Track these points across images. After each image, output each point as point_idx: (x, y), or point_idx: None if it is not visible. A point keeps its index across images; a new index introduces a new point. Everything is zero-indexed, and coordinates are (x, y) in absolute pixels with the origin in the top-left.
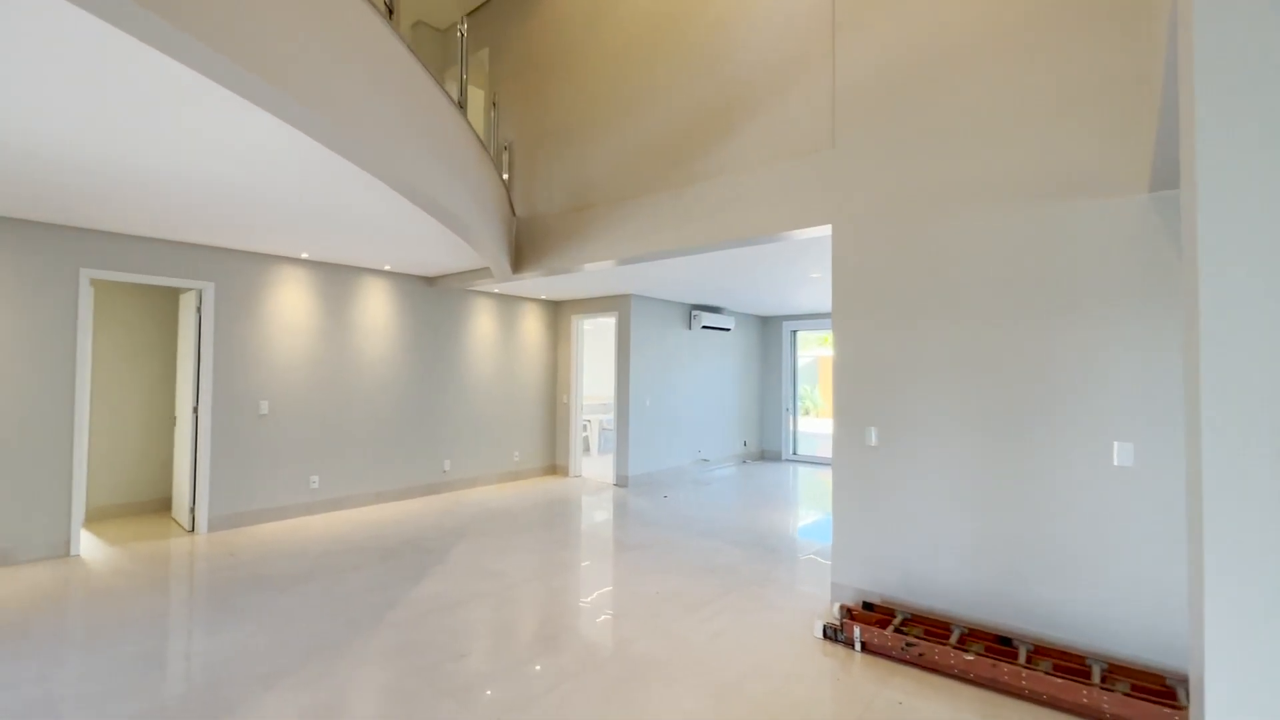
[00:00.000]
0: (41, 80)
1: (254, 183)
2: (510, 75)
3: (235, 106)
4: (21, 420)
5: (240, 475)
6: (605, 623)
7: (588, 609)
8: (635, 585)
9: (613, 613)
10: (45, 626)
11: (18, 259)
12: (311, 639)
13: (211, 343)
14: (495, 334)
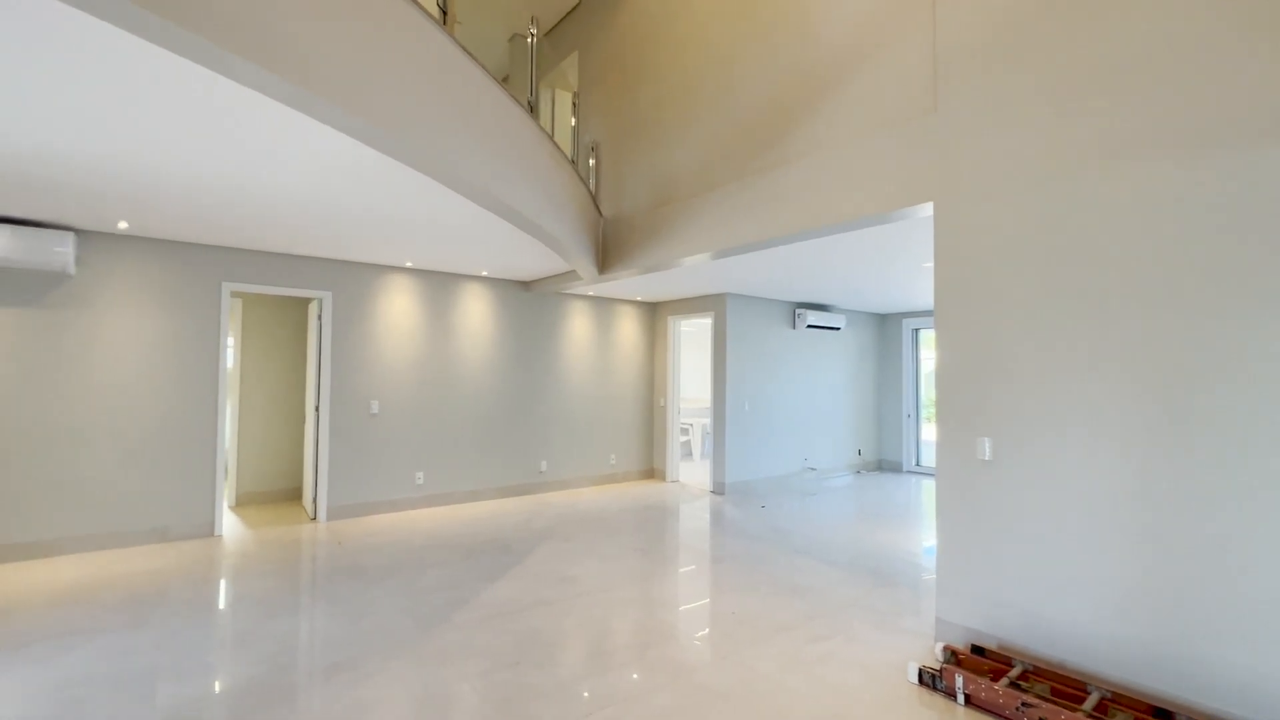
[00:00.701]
0: (205, 135)
1: (365, 201)
2: (597, 77)
3: (349, 140)
4: (175, 416)
5: (354, 469)
6: (668, 643)
7: (653, 626)
8: (710, 602)
9: (679, 632)
10: (174, 597)
11: (169, 274)
12: (380, 633)
13: (329, 346)
14: (591, 336)
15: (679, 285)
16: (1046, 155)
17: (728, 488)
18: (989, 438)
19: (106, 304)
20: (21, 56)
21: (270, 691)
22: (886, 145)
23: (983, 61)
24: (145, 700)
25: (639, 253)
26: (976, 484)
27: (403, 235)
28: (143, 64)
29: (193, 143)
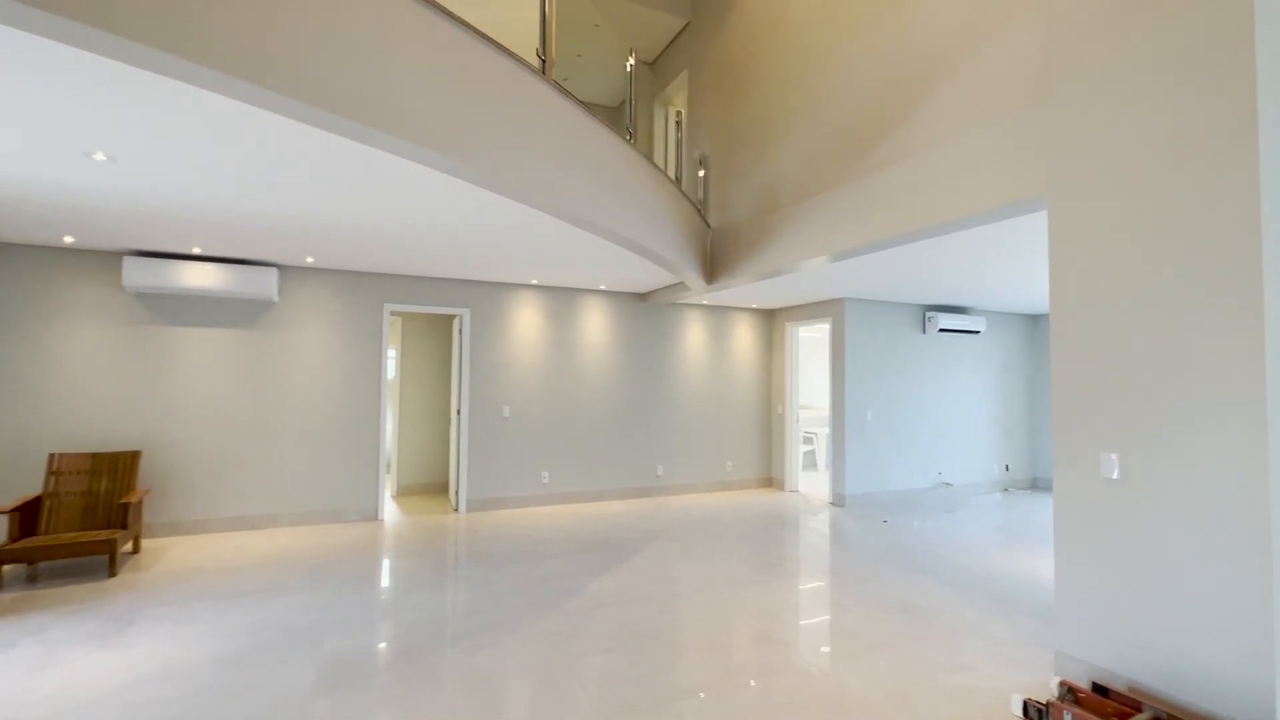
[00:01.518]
0: (364, 190)
1: (490, 230)
2: (704, 92)
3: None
4: (347, 417)
5: (489, 467)
6: (755, 647)
7: (743, 630)
8: (806, 612)
9: (769, 638)
10: (342, 569)
11: (341, 298)
12: (498, 612)
13: (468, 356)
14: (707, 344)
15: (794, 291)
16: (1187, 133)
17: (848, 500)
18: (1115, 453)
19: (299, 324)
20: (240, 151)
21: (405, 650)
22: (994, 137)
23: (1103, 34)
24: (314, 647)
25: (747, 261)
26: (1102, 505)
27: (525, 256)
28: (319, 144)
29: (357, 197)
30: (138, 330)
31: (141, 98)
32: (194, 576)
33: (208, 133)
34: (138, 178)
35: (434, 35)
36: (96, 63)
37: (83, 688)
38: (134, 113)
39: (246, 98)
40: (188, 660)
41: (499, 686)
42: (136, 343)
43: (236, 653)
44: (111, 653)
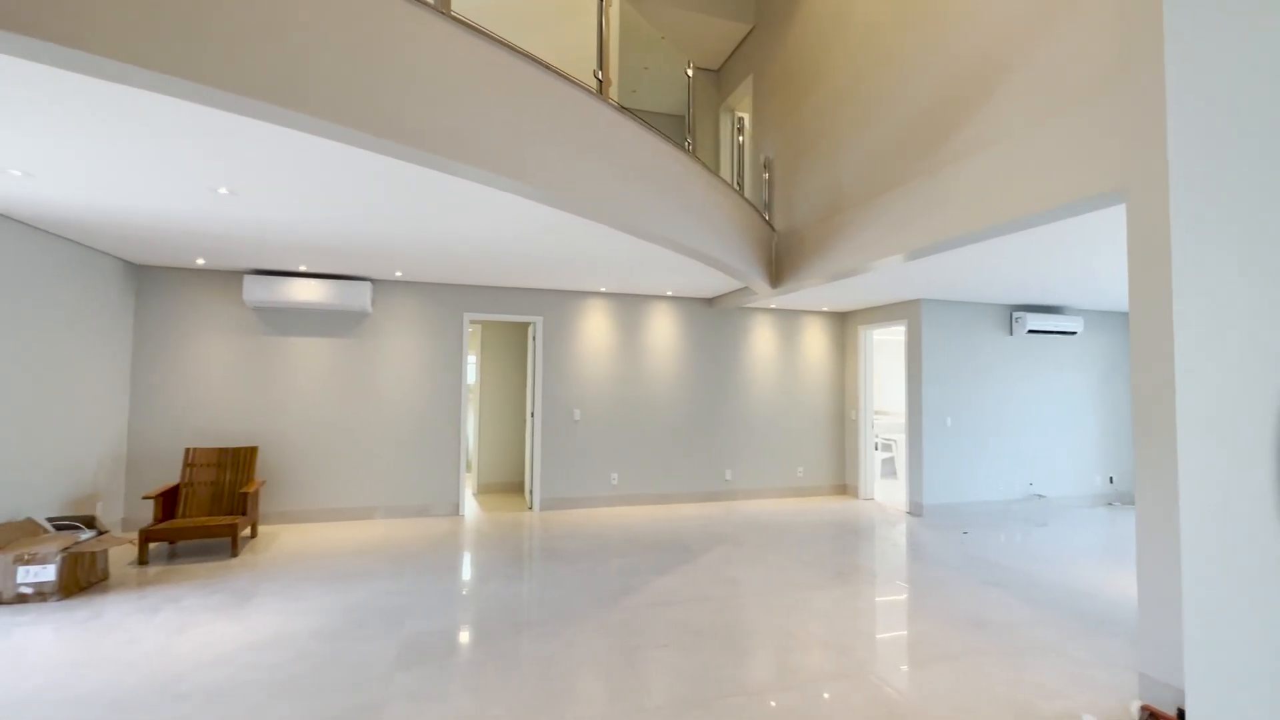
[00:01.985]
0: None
1: (559, 243)
2: (768, 96)
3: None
4: (432, 419)
5: (560, 468)
6: (812, 650)
7: (801, 633)
8: (871, 619)
9: (826, 645)
10: (425, 559)
11: (426, 308)
12: (562, 604)
13: (541, 362)
14: (776, 348)
15: (866, 293)
16: None
17: (925, 510)
18: None
19: (389, 333)
20: (338, 182)
21: (478, 634)
22: (1066, 129)
23: None
24: (397, 628)
25: (814, 263)
26: None
27: (593, 266)
28: (405, 174)
29: (438, 217)
30: (255, 340)
31: (258, 141)
32: (300, 560)
33: (311, 168)
34: (255, 208)
35: (499, 71)
36: (223, 117)
37: (210, 648)
38: (251, 155)
39: (345, 139)
40: (293, 632)
41: (560, 672)
42: (254, 351)
43: (332, 628)
44: (233, 621)
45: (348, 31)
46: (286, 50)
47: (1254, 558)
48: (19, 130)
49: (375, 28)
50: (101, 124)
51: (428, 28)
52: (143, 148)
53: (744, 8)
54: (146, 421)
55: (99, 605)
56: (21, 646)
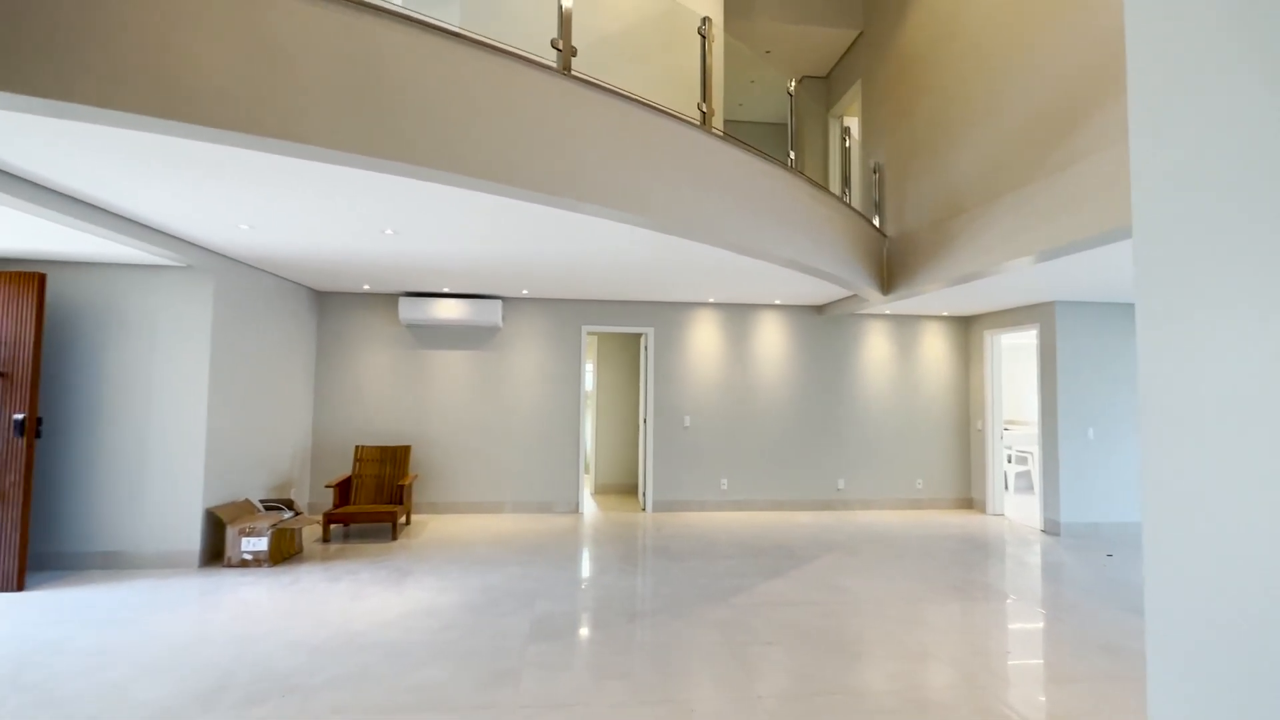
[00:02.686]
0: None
1: (666, 261)
2: (879, 101)
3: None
4: (554, 423)
5: (671, 472)
6: (920, 663)
7: (908, 642)
8: (985, 636)
9: (937, 658)
10: (549, 550)
11: (549, 322)
12: (673, 599)
13: (652, 371)
14: (891, 355)
15: (992, 296)
16: None
17: (1063, 528)
18: None
19: (517, 345)
20: (476, 220)
21: (595, 619)
22: None
23: None
24: (527, 607)
25: (930, 268)
26: None
27: (701, 280)
28: (531, 212)
29: (562, 243)
30: (408, 353)
31: (418, 194)
32: (445, 545)
33: (454, 211)
34: (410, 243)
35: (613, 116)
36: (394, 179)
37: (379, 614)
38: (412, 204)
39: (487, 190)
40: (441, 604)
41: (668, 658)
42: (407, 362)
43: (475, 604)
44: (395, 593)
45: (493, 98)
46: (448, 125)
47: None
48: (246, 197)
49: (513, 92)
50: (301, 189)
51: (551, 87)
52: (330, 204)
53: (851, 13)
54: (326, 422)
55: (296, 573)
56: (247, 600)
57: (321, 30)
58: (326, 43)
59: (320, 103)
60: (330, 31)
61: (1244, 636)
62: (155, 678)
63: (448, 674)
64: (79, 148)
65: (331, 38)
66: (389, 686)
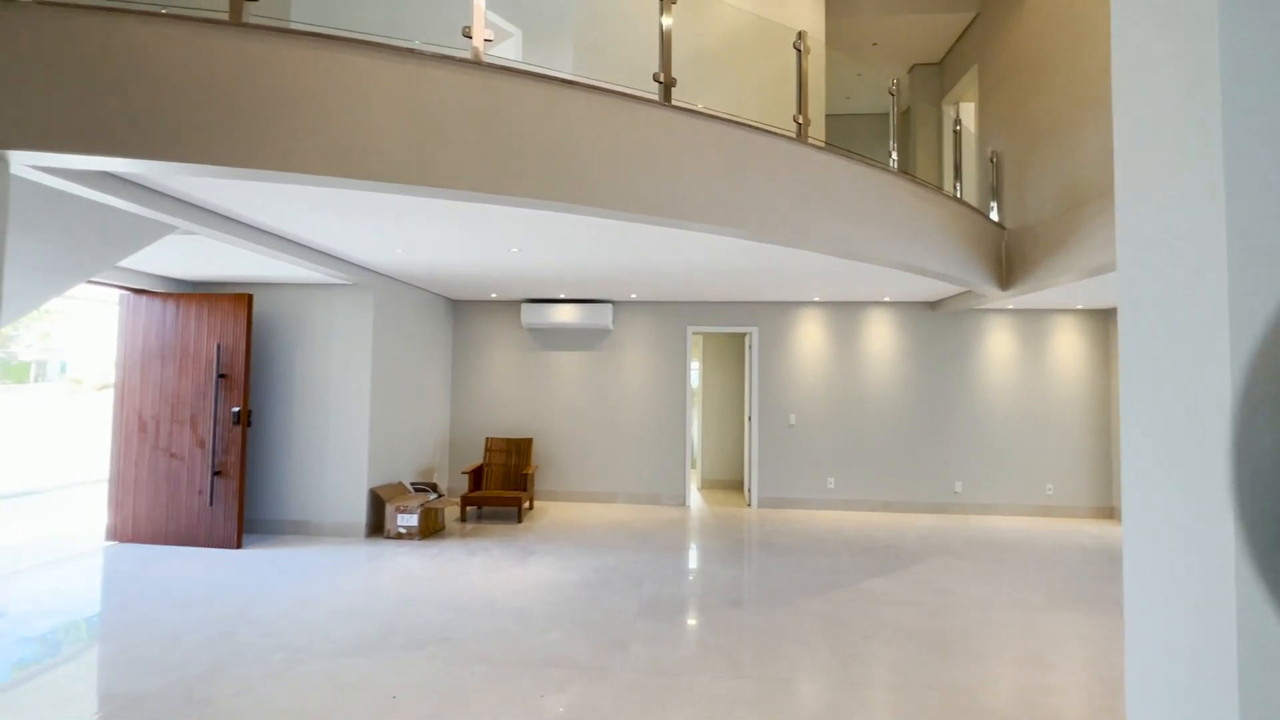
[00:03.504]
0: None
1: (772, 265)
2: (998, 84)
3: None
4: (663, 419)
5: (776, 469)
6: (1023, 666)
7: (1016, 648)
8: (1105, 648)
9: (1043, 661)
10: (657, 539)
11: (656, 324)
12: (774, 590)
13: (757, 369)
14: (1015, 352)
15: None
16: None
17: None
18: None
19: (626, 346)
20: (591, 237)
21: (699, 603)
22: None
23: None
24: (637, 589)
25: (1058, 259)
26: None
27: (803, 282)
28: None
29: (666, 253)
30: (529, 354)
31: (538, 220)
32: (563, 530)
33: (570, 231)
34: (532, 258)
35: (712, 137)
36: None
37: (510, 584)
38: (532, 227)
39: (599, 215)
40: (561, 581)
41: (768, 643)
42: (529, 363)
43: (590, 582)
44: (522, 569)
45: (602, 133)
46: (564, 161)
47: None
48: (401, 229)
49: (620, 126)
50: (445, 220)
51: (654, 118)
52: (467, 230)
53: None
54: (460, 416)
55: (440, 547)
56: (403, 566)
57: (463, 93)
58: (467, 103)
59: (462, 153)
60: (471, 93)
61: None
62: (342, 621)
63: (569, 638)
64: (277, 199)
65: (471, 98)
66: (521, 644)
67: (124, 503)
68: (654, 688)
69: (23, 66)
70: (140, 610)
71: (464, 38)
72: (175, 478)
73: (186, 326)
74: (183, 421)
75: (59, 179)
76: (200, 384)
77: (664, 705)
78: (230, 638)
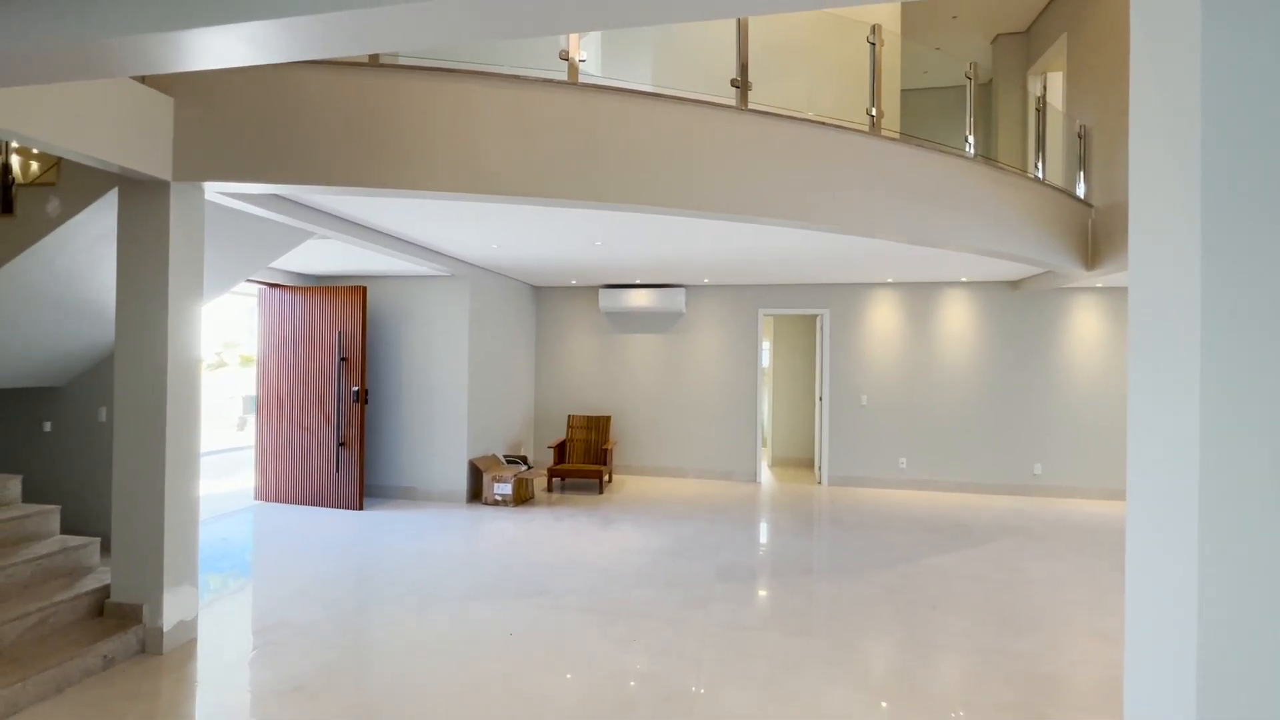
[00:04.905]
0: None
1: (842, 252)
2: (1089, 54)
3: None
4: (735, 398)
5: (847, 448)
6: (1091, 640)
7: (1084, 622)
8: None
9: (1111, 637)
10: (731, 512)
11: (728, 306)
12: (844, 561)
13: (828, 350)
14: (1103, 332)
15: None
16: None
17: None
18: None
19: (699, 328)
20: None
21: (771, 570)
22: None
23: None
24: (714, 555)
25: None
26: None
27: (877, 265)
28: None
29: (738, 241)
30: (607, 337)
31: (621, 218)
32: (642, 501)
33: (650, 225)
34: (612, 249)
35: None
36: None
37: (596, 547)
38: (618, 224)
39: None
40: (644, 546)
41: (837, 608)
42: (606, 345)
43: (670, 549)
44: (607, 533)
45: (682, 139)
46: (648, 167)
47: None
48: (500, 229)
49: (698, 131)
50: (537, 221)
51: (731, 121)
52: (554, 227)
53: None
54: (544, 395)
55: (532, 514)
56: (501, 530)
57: (562, 110)
58: (564, 119)
59: (560, 165)
60: (568, 110)
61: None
62: (457, 574)
63: (654, 593)
64: (396, 206)
65: (568, 114)
66: (612, 598)
67: (267, 468)
68: (732, 640)
69: (214, 114)
70: (294, 557)
71: (560, 60)
72: (308, 447)
73: (312, 316)
74: (312, 399)
75: (236, 200)
76: (325, 366)
77: (742, 655)
78: (369, 582)
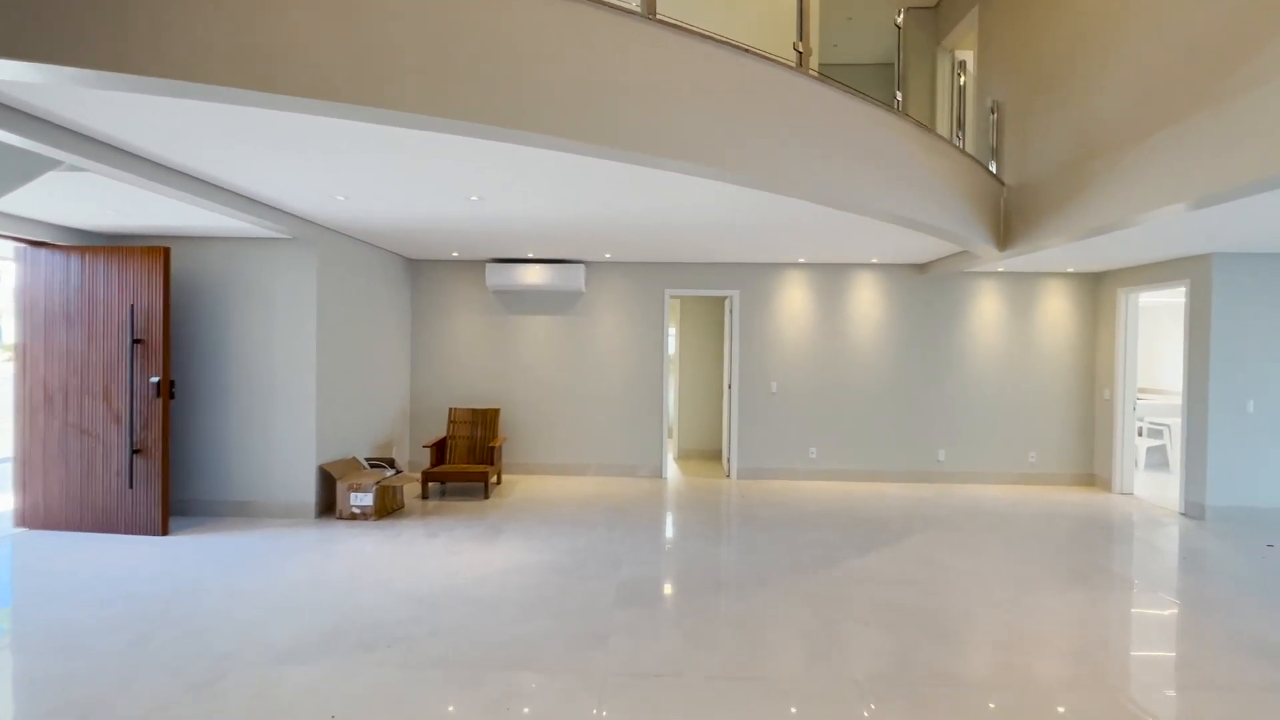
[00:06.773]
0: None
1: (752, 220)
2: (999, 29)
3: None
4: (637, 387)
5: (757, 439)
6: (1030, 649)
7: (1022, 630)
8: (1115, 633)
9: (1051, 644)
10: (633, 514)
11: (632, 286)
12: (760, 569)
13: (738, 335)
14: (1003, 317)
15: (1131, 249)
16: None
17: (1209, 511)
18: None
19: (599, 309)
20: (558, 179)
21: (681, 586)
22: None
23: None
24: (614, 572)
25: (1058, 219)
26: None
27: (791, 239)
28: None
29: (643, 200)
30: (495, 318)
31: (500, 160)
32: (533, 506)
33: (538, 173)
34: (495, 207)
35: (698, 62)
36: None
37: (474, 569)
38: (493, 169)
39: (569, 150)
40: (532, 563)
41: (758, 630)
42: (494, 327)
43: (563, 565)
44: (489, 550)
45: (575, 47)
46: (532, 82)
47: None
48: (339, 169)
49: (594, 39)
50: (390, 157)
51: (635, 34)
52: (419, 171)
53: None
54: (421, 385)
55: (399, 527)
56: (357, 551)
57: None
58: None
59: (408, 68)
60: None
61: None
62: (281, 619)
63: (541, 630)
64: (192, 124)
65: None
66: (488, 641)
67: (32, 485)
68: (638, 692)
69: None
70: (44, 612)
71: None
72: (89, 457)
73: (94, 284)
74: (94, 394)
75: None
76: (112, 351)
77: (652, 713)
78: (145, 643)
